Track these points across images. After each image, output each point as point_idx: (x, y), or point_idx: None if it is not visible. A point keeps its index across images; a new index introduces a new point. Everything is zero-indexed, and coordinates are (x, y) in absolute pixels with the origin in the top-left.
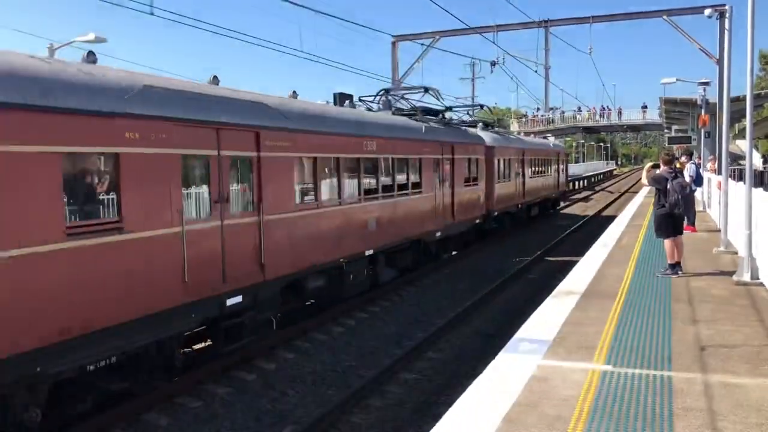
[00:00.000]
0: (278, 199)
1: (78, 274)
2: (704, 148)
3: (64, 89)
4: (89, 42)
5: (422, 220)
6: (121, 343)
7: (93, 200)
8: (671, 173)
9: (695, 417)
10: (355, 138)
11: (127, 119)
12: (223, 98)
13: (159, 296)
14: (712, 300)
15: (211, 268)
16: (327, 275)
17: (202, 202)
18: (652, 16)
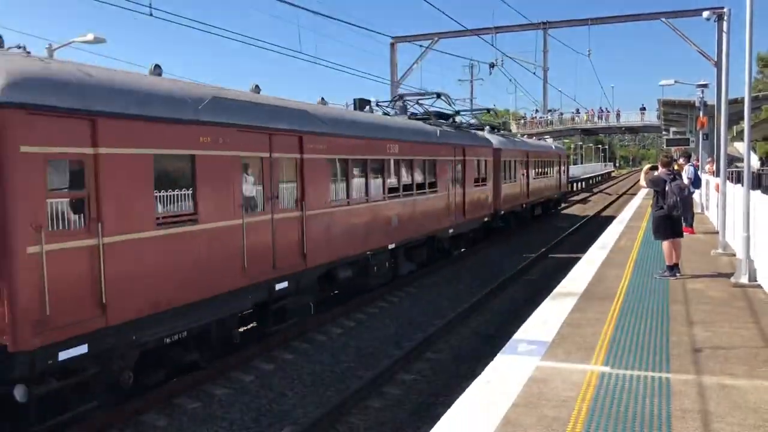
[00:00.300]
0: (317, 197)
1: (164, 258)
2: (702, 150)
3: (156, 100)
4: (88, 42)
5: (437, 218)
6: (193, 320)
7: (175, 195)
8: (670, 175)
9: (693, 418)
10: (380, 141)
11: (201, 126)
12: (273, 107)
13: (224, 280)
14: (710, 302)
15: (264, 257)
16: (355, 266)
17: (258, 199)
18: (651, 19)
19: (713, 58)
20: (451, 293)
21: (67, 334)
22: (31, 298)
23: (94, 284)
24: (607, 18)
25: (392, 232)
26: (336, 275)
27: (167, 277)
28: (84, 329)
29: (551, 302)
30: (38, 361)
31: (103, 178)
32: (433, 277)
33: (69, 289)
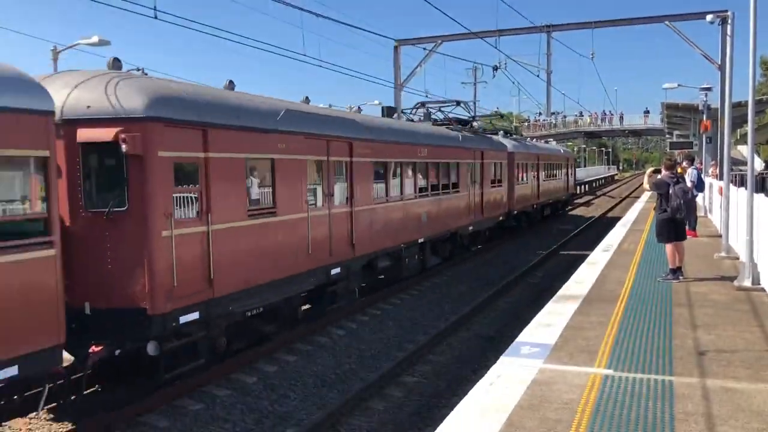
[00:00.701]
0: (363, 195)
1: (252, 244)
2: (706, 154)
3: (246, 113)
4: (93, 45)
5: (459, 216)
6: (271, 297)
7: (260, 192)
8: (673, 178)
9: (696, 422)
10: (412, 146)
11: (278, 134)
12: (329, 117)
13: (294, 263)
14: (713, 305)
15: (323, 245)
16: (391, 257)
17: (318, 196)
18: (655, 22)
19: (717, 62)
20: (455, 294)
21: (186, 302)
22: (164, 272)
23: (204, 263)
24: (610, 21)
25: (422, 228)
26: (376, 265)
27: (254, 260)
28: (197, 299)
29: (554, 305)
30: (167, 323)
31: (211, 177)
32: (434, 278)
33: (188, 266)
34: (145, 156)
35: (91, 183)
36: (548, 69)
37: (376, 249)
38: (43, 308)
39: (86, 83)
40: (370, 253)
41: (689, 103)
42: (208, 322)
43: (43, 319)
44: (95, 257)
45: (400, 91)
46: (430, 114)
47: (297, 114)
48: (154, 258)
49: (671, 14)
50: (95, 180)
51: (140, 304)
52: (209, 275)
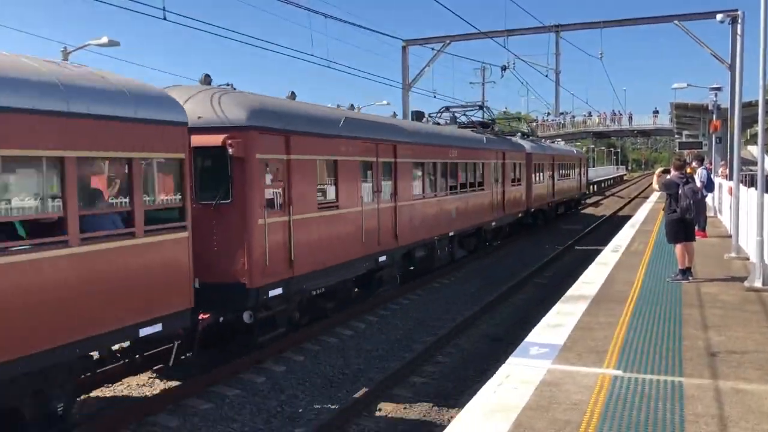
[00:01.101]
0: (405, 191)
1: (321, 232)
2: (715, 154)
3: (316, 121)
4: (102, 45)
5: (484, 212)
6: (333, 278)
7: (326, 188)
8: (682, 178)
9: (706, 423)
10: (445, 148)
11: (340, 139)
12: (378, 123)
13: (351, 251)
14: (723, 306)
15: (373, 235)
16: (426, 248)
17: (369, 192)
18: (664, 21)
19: (727, 61)
20: (470, 290)
21: (274, 279)
22: (260, 254)
23: (286, 247)
24: (619, 21)
25: (452, 222)
26: (414, 255)
27: (322, 246)
28: (281, 277)
29: (563, 305)
30: (260, 296)
31: (291, 175)
32: (447, 277)
33: (276, 249)
34: (246, 158)
35: (201, 180)
36: (557, 69)
37: (415, 240)
38: (180, 278)
39: (195, 97)
40: (410, 244)
41: (699, 103)
42: (287, 297)
43: (179, 287)
44: (204, 241)
45: (408, 92)
46: (456, 118)
47: (354, 121)
48: (252, 242)
49: (681, 14)
50: (205, 177)
51: (240, 279)
52: (290, 257)
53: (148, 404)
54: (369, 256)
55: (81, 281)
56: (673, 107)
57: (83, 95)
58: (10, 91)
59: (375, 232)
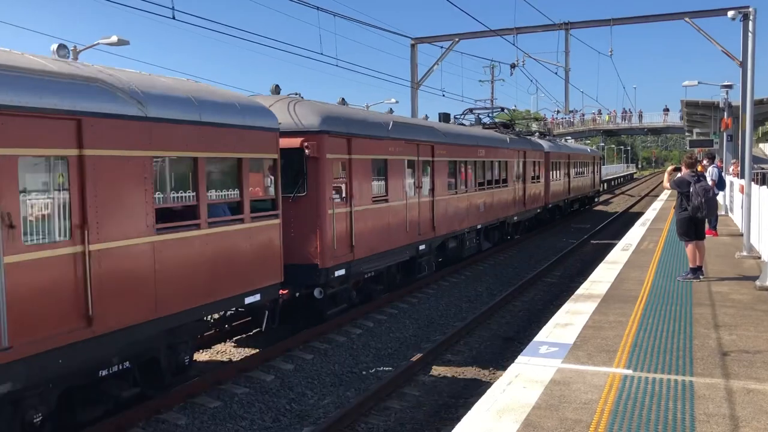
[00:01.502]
0: (441, 187)
1: (374, 222)
2: (726, 152)
3: (371, 125)
4: (112, 44)
5: (507, 207)
6: (383, 263)
7: (378, 183)
8: (694, 176)
9: (717, 423)
10: (474, 147)
11: (390, 140)
12: (419, 125)
13: (398, 239)
14: (735, 305)
15: (414, 226)
16: (457, 239)
17: (411, 187)
18: (674, 18)
19: (738, 58)
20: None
21: (339, 261)
22: (329, 239)
23: (348, 234)
24: (629, 18)
25: (479, 216)
26: (447, 245)
27: (374, 234)
28: (344, 260)
29: (573, 304)
30: (329, 275)
31: (352, 172)
32: (463, 273)
33: (341, 236)
34: (319, 157)
35: (282, 176)
36: (566, 66)
37: (449, 231)
38: (273, 257)
39: (274, 106)
40: (445, 234)
41: (709, 100)
42: (348, 277)
43: (273, 264)
44: (284, 228)
45: (417, 90)
46: (481, 119)
47: (399, 124)
48: (323, 229)
49: (691, 11)
50: (285, 174)
51: (313, 260)
52: (351, 243)
53: (158, 402)
54: (412, 245)
55: (206, 257)
56: (684, 105)
57: (209, 108)
58: (175, 106)
59: (416, 223)
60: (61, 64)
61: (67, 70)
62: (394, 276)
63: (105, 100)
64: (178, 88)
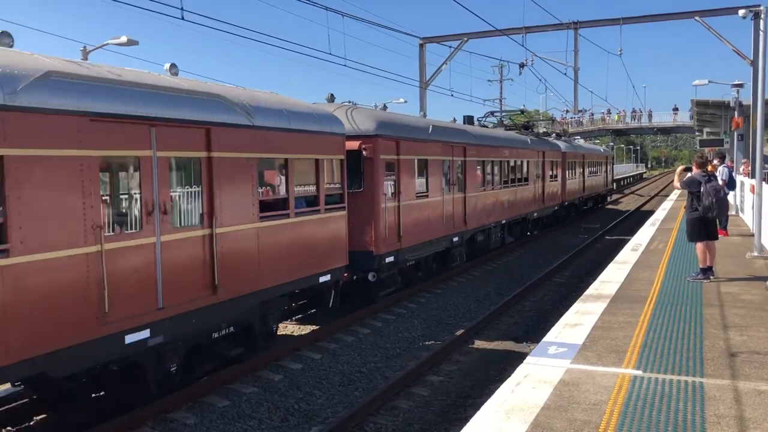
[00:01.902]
0: (471, 185)
1: (417, 215)
2: (737, 151)
3: (415, 129)
4: (121, 45)
5: (528, 204)
6: (422, 253)
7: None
8: (705, 176)
9: (728, 425)
10: (499, 148)
11: (430, 142)
12: (452, 128)
13: (435, 231)
14: (745, 305)
15: (449, 219)
16: (484, 233)
17: (446, 185)
18: (684, 17)
19: (749, 57)
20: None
21: (389, 249)
22: (382, 229)
23: (396, 225)
24: (639, 17)
25: (504, 212)
26: (476, 238)
27: (417, 226)
28: (393, 248)
29: (582, 304)
30: (381, 260)
31: (400, 171)
32: (459, 278)
33: (391, 226)
34: (374, 158)
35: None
36: (575, 66)
37: (478, 225)
38: (341, 243)
39: (335, 113)
40: (475, 228)
41: (720, 100)
42: (396, 263)
43: (340, 249)
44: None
45: (426, 90)
46: (503, 121)
47: (437, 128)
48: (377, 220)
49: (702, 9)
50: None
51: (368, 248)
52: (399, 233)
53: (166, 401)
54: (447, 236)
55: (293, 241)
56: (694, 104)
57: (295, 117)
58: (273, 116)
59: (451, 217)
60: (191, 82)
61: (198, 88)
62: (431, 265)
63: (225, 112)
64: (271, 100)
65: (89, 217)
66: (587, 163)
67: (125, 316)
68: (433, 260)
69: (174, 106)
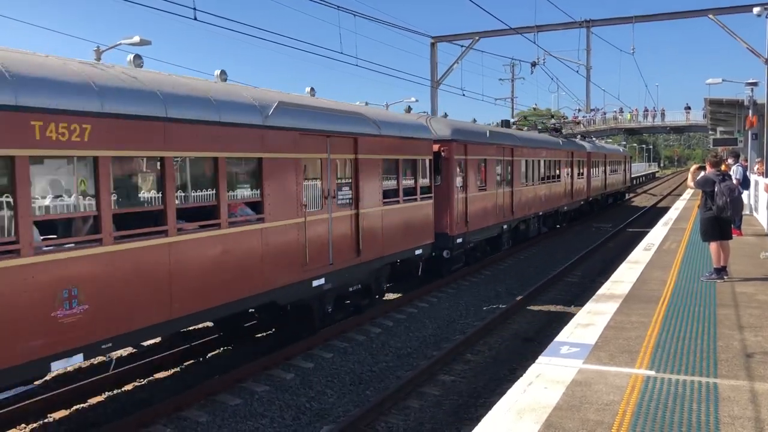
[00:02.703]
0: (517, 180)
1: (479, 205)
2: (751, 150)
3: (477, 134)
4: (134, 45)
5: (559, 198)
6: (481, 237)
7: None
8: (719, 176)
9: (742, 426)
10: (538, 149)
11: (489, 145)
12: (504, 133)
13: (491, 218)
14: (760, 306)
15: (501, 209)
16: (525, 223)
17: (499, 180)
18: (698, 15)
19: (763, 55)
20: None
21: (459, 232)
22: (455, 215)
23: (464, 213)
24: (652, 15)
25: (541, 205)
26: (519, 227)
27: (478, 214)
28: (462, 231)
29: (594, 304)
30: (454, 241)
31: (468, 169)
32: (484, 272)
33: (460, 213)
34: (450, 159)
35: None
36: (587, 64)
37: (521, 215)
38: (429, 224)
39: (417, 120)
40: (519, 218)
41: (734, 98)
42: (464, 244)
43: (429, 229)
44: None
45: (437, 89)
46: (536, 125)
47: (494, 132)
48: (452, 208)
49: (715, 7)
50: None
51: (445, 230)
52: (466, 219)
53: (179, 399)
54: (498, 224)
55: (401, 221)
56: (707, 103)
57: (405, 127)
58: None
59: (502, 208)
60: (340, 104)
61: (347, 108)
62: (485, 248)
63: (365, 126)
64: (389, 115)
65: (299, 198)
66: (608, 162)
67: (315, 267)
68: (486, 244)
69: (339, 123)
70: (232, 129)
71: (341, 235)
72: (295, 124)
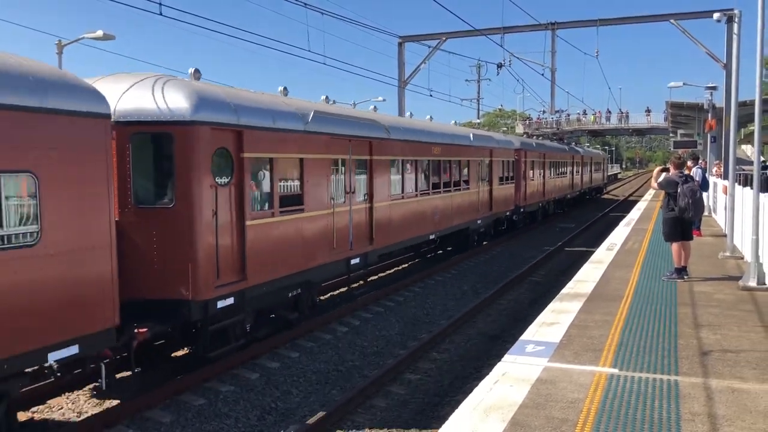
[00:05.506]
0: (548, 174)
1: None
2: (710, 153)
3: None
4: (97, 39)
5: (566, 188)
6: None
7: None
8: (681, 177)
9: (702, 422)
10: (556, 153)
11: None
12: (539, 142)
13: (503, 205)
14: (718, 305)
15: (508, 200)
16: (541, 206)
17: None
18: (660, 20)
19: (722, 60)
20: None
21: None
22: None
23: (490, 199)
24: (615, 19)
25: (557, 191)
26: (547, 206)
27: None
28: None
29: (558, 303)
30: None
31: (525, 167)
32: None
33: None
34: (519, 161)
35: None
36: (553, 67)
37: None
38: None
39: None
40: (530, 204)
41: (694, 102)
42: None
43: (485, 208)
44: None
45: (404, 89)
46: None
47: (538, 143)
48: (520, 189)
49: (676, 12)
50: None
51: (516, 203)
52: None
53: (142, 400)
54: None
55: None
56: (669, 106)
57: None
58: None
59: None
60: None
61: (364, 116)
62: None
63: (378, 131)
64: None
65: (328, 192)
66: (593, 162)
67: (339, 250)
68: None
69: (358, 129)
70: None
71: (358, 225)
72: (327, 130)
